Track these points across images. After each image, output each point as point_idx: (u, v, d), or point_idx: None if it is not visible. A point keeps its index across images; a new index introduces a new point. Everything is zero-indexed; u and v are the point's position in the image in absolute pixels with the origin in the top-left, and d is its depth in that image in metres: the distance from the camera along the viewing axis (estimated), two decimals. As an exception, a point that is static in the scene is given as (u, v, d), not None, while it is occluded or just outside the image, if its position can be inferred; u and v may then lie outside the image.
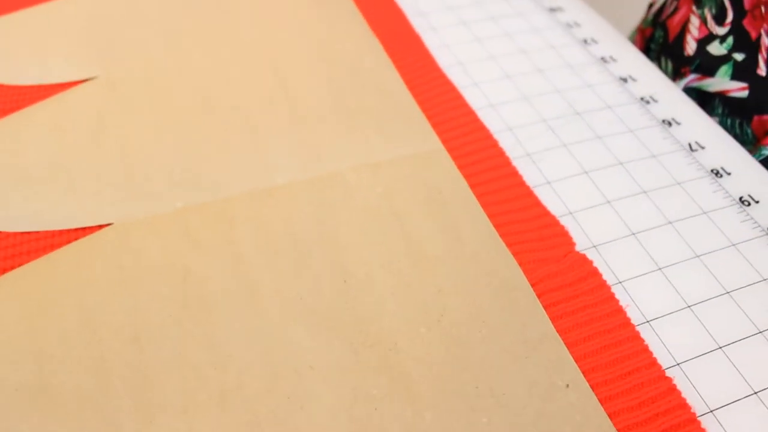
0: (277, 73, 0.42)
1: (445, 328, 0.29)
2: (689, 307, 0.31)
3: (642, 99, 0.43)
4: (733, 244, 0.34)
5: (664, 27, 0.52)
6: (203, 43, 0.44)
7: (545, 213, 0.34)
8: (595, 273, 0.32)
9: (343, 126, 0.38)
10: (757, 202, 0.37)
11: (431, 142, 0.38)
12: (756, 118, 0.44)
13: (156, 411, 0.25)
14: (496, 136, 0.39)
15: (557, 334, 0.29)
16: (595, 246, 0.33)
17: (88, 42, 0.44)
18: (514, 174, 0.36)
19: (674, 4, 0.51)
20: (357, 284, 0.30)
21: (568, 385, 0.27)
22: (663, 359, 0.29)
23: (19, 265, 0.30)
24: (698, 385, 0.28)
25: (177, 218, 0.32)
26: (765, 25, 0.42)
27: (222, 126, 0.38)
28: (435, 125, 0.39)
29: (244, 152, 0.36)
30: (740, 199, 0.37)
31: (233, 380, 0.26)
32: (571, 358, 0.28)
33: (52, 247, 0.31)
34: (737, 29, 0.44)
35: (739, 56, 0.45)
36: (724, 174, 0.38)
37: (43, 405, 0.25)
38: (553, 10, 0.51)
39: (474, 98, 0.42)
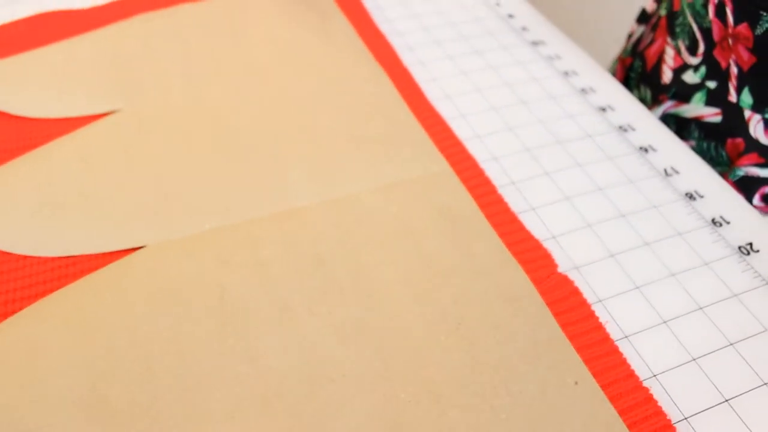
0: (291, 103, 0.45)
1: (463, 335, 0.31)
2: (665, 322, 0.33)
3: (620, 127, 0.45)
4: (706, 263, 0.36)
5: (642, 57, 0.55)
6: (220, 76, 0.47)
7: (529, 237, 0.37)
8: (576, 292, 0.34)
9: (356, 151, 0.41)
10: (728, 223, 0.39)
11: (439, 163, 0.40)
12: (729, 141, 0.47)
13: (205, 419, 0.27)
14: (483, 165, 0.41)
15: (564, 336, 0.31)
16: (576, 267, 0.36)
17: (110, 76, 0.46)
18: (499, 201, 0.39)
19: (651, 35, 0.54)
20: (380, 298, 0.32)
21: (576, 383, 0.29)
22: (640, 371, 0.31)
23: (60, 287, 0.32)
24: (673, 394, 0.30)
25: (207, 239, 0.35)
26: (732, 56, 0.45)
27: (242, 153, 0.41)
28: (425, 156, 0.41)
29: (265, 177, 0.39)
30: (712, 220, 0.39)
31: (274, 389, 0.28)
32: (579, 357, 0.30)
33: (89, 270, 0.33)
34: (709, 59, 0.47)
35: (711, 84, 0.47)
36: (697, 197, 0.40)
37: (99, 417, 0.27)
38: (535, 43, 0.54)
39: (461, 129, 0.44)
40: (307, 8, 0.54)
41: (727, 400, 0.30)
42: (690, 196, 0.40)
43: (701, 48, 0.47)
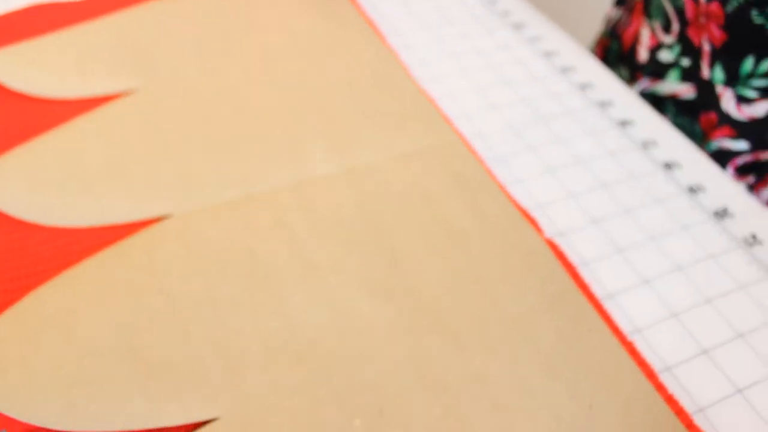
0: (304, 81, 0.46)
1: (482, 290, 0.33)
2: (646, 282, 0.35)
3: (600, 103, 0.47)
4: (684, 227, 0.38)
5: (619, 38, 0.57)
6: (233, 57, 0.48)
7: (517, 207, 0.38)
8: (562, 255, 0.35)
9: (370, 124, 0.43)
10: (705, 190, 0.41)
11: (448, 134, 0.42)
12: (703, 115, 0.49)
13: (241, 372, 0.29)
14: (471, 141, 0.43)
15: (576, 288, 0.33)
16: (561, 233, 0.37)
17: (126, 58, 0.47)
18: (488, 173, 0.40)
19: (628, 17, 0.56)
20: (402, 256, 0.34)
21: (590, 330, 0.31)
22: (623, 326, 0.33)
23: (91, 255, 0.34)
24: (657, 347, 0.32)
25: (231, 207, 0.36)
26: (705, 34, 0.47)
27: (260, 128, 0.42)
28: (414, 133, 0.43)
29: (284, 149, 0.40)
30: (690, 188, 0.41)
31: (306, 342, 0.30)
32: (591, 307, 0.33)
33: (119, 238, 0.35)
34: (682, 38, 0.49)
35: (685, 61, 0.49)
36: (675, 167, 0.42)
37: (140, 371, 0.28)
38: (517, 26, 0.56)
39: (449, 108, 0.46)
40: None
41: (705, 352, 0.32)
42: (668, 166, 0.42)
43: (675, 27, 0.49)
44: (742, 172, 0.48)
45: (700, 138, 0.50)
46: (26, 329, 0.30)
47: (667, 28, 0.50)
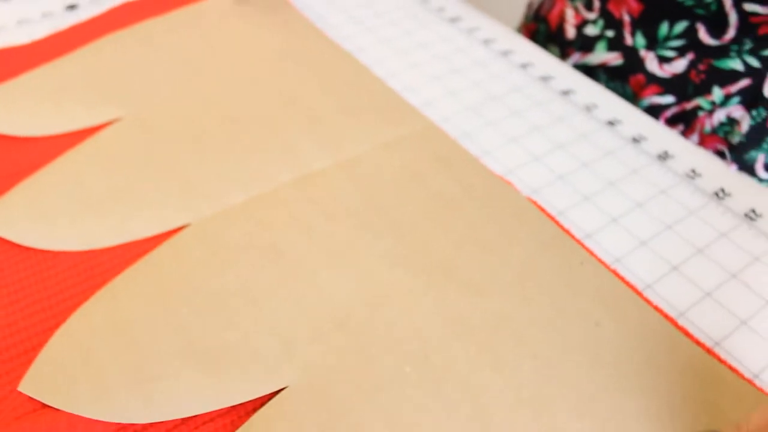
0: (280, 90, 0.50)
1: (482, 245, 0.38)
2: (614, 220, 0.40)
3: (542, 78, 0.53)
4: (634, 170, 0.44)
5: (545, 21, 0.63)
6: (207, 75, 0.51)
7: (494, 174, 0.43)
8: (542, 208, 0.40)
9: (349, 119, 0.47)
10: (646, 139, 0.47)
11: (422, 121, 0.47)
12: (632, 78, 0.56)
13: (295, 342, 0.32)
14: (439, 124, 0.48)
15: (562, 232, 0.38)
16: (535, 191, 0.43)
17: (101, 89, 0.50)
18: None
19: (551, 1, 0.62)
20: (408, 230, 0.38)
21: (582, 263, 0.36)
22: (604, 258, 0.38)
23: (122, 270, 0.36)
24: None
25: (244, 209, 0.40)
26: (624, 7, 0.53)
27: (250, 135, 0.45)
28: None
29: (278, 151, 0.44)
30: (633, 138, 0.47)
31: (344, 311, 0.34)
32: (578, 245, 0.38)
33: (146, 251, 0.37)
34: (604, 13, 0.55)
35: (609, 33, 0.56)
36: (617, 123, 0.48)
37: (202, 361, 0.31)
38: (453, 20, 0.61)
39: (413, 100, 0.51)
40: (266, 11, 0.60)
41: (675, 268, 0.37)
42: (610, 123, 0.48)
43: (597, 4, 0.56)
44: (672, 122, 0.55)
45: (631, 98, 0.56)
46: (83, 343, 0.32)
47: (589, 6, 0.57)
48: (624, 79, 0.56)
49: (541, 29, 0.64)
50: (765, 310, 0.36)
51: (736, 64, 0.51)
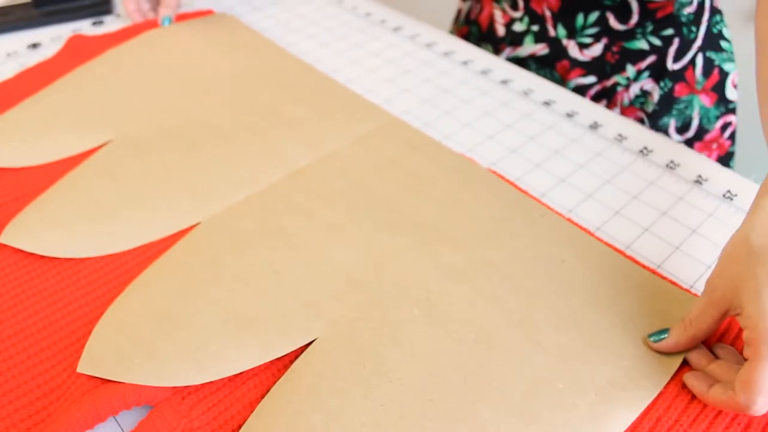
0: (257, 103, 0.55)
1: (459, 208, 0.44)
2: (562, 180, 0.48)
3: (482, 72, 0.60)
4: (573, 140, 0.52)
5: (476, 23, 0.71)
6: (187, 94, 0.57)
7: (458, 154, 0.50)
8: (502, 177, 0.47)
9: (324, 121, 0.53)
10: (578, 113, 0.55)
11: (385, 116, 0.53)
12: (558, 64, 0.64)
13: (318, 302, 0.38)
14: (401, 117, 0.54)
15: (522, 194, 0.45)
16: (493, 163, 0.49)
17: (89, 116, 0.54)
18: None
19: (478, 6, 0.70)
20: (394, 204, 0.45)
21: (542, 215, 0.43)
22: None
23: (145, 267, 0.41)
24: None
25: (247, 204, 0.45)
26: (544, 4, 0.62)
27: (237, 143, 0.51)
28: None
29: (265, 154, 0.49)
30: (567, 114, 0.55)
31: (354, 274, 0.39)
32: (536, 202, 0.44)
33: (165, 248, 0.42)
34: (528, 11, 0.64)
35: (535, 27, 0.64)
36: (552, 103, 0.56)
37: (241, 329, 0.36)
38: (396, 29, 0.68)
39: (373, 99, 0.57)
40: (229, 33, 0.65)
41: (617, 212, 0.45)
42: (546, 103, 0.56)
43: (521, 4, 0.64)
44: (596, 98, 0.63)
45: (560, 81, 0.64)
46: (129, 326, 0.37)
47: (514, 6, 0.65)
48: (552, 66, 0.64)
49: (473, 31, 0.72)
50: (691, 237, 0.43)
51: (642, 44, 0.60)
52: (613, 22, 0.60)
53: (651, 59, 0.61)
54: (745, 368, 0.31)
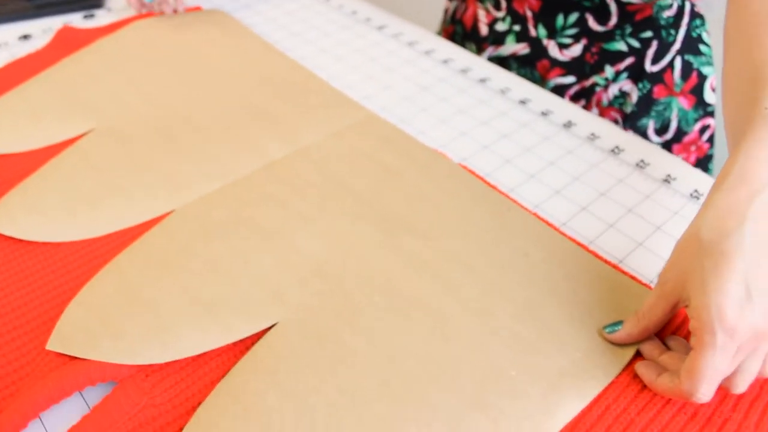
0: (238, 96, 0.57)
1: (427, 201, 0.45)
2: (531, 175, 0.49)
3: (462, 71, 0.61)
4: (546, 138, 0.53)
5: (461, 23, 0.72)
6: (168, 85, 0.58)
7: (431, 149, 0.51)
8: (473, 172, 0.48)
9: (302, 116, 0.54)
10: (553, 112, 0.56)
11: (362, 111, 0.55)
12: (538, 63, 0.65)
13: (283, 289, 0.39)
14: (379, 114, 0.55)
15: (490, 188, 0.46)
16: (463, 159, 0.50)
17: (73, 105, 0.55)
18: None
19: (463, 6, 0.71)
20: (364, 196, 0.46)
21: (509, 209, 0.45)
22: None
23: (123, 249, 0.42)
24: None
25: (221, 194, 0.46)
26: (526, 4, 0.63)
27: (216, 135, 0.52)
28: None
29: (243, 146, 0.51)
30: (542, 113, 0.56)
31: (319, 263, 0.41)
32: (504, 197, 0.46)
33: (139, 234, 0.43)
34: (511, 11, 0.65)
35: (516, 27, 0.65)
36: (528, 101, 0.57)
37: (205, 308, 0.38)
38: (380, 27, 0.69)
39: (353, 95, 0.58)
40: (215, 25, 0.67)
41: (584, 208, 0.46)
42: (522, 102, 0.57)
43: (503, 4, 0.65)
44: (575, 98, 0.64)
45: (539, 81, 0.65)
46: (99, 306, 0.38)
47: (497, 6, 0.66)
48: (532, 65, 0.65)
49: (458, 30, 0.73)
50: (655, 234, 0.44)
51: (621, 46, 0.61)
52: (593, 23, 0.61)
53: (629, 61, 0.61)
54: (690, 357, 0.32)
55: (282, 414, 0.33)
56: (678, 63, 0.62)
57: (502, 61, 0.67)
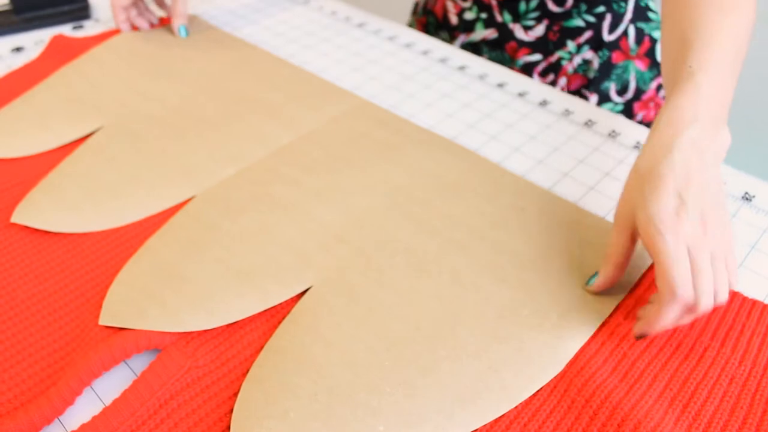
0: (238, 93, 0.61)
1: (425, 172, 0.50)
2: (515, 149, 0.55)
3: (441, 60, 0.68)
4: (524, 115, 0.59)
5: (432, 13, 0.78)
6: (172, 84, 0.62)
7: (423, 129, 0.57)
8: (461, 147, 0.55)
9: (300, 106, 0.59)
10: (529, 93, 0.62)
11: (356, 99, 0.59)
12: (507, 45, 0.71)
13: (308, 255, 0.43)
14: (370, 100, 0.61)
15: (480, 159, 0.51)
16: (454, 137, 0.57)
17: (79, 106, 0.58)
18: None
19: (433, -4, 0.77)
20: (370, 169, 0.51)
21: (502, 175, 0.50)
22: (516, 179, 0.53)
23: (151, 234, 0.46)
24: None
25: (238, 177, 0.50)
26: (490, -7, 0.69)
27: (224, 128, 0.56)
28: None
29: (251, 135, 0.55)
30: (519, 93, 0.62)
31: (340, 231, 0.45)
32: (495, 165, 0.51)
33: (164, 220, 0.47)
34: (476, 1, 0.71)
35: (483, 15, 0.71)
36: (504, 84, 0.63)
37: (241, 278, 0.40)
38: (360, 24, 0.75)
39: (344, 86, 0.63)
40: (192, 30, 0.71)
41: (566, 174, 0.53)
42: (500, 85, 0.63)
43: (470, -6, 0.71)
44: (544, 73, 0.71)
45: (509, 62, 0.72)
46: (141, 283, 0.42)
47: (464, -3, 0.72)
48: (502, 48, 0.72)
49: (431, 20, 0.78)
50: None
51: (579, 22, 0.68)
52: (552, 6, 0.67)
53: (588, 34, 0.68)
54: (655, 268, 0.36)
55: (329, 361, 0.37)
56: (631, 30, 0.69)
57: (475, 46, 0.73)
